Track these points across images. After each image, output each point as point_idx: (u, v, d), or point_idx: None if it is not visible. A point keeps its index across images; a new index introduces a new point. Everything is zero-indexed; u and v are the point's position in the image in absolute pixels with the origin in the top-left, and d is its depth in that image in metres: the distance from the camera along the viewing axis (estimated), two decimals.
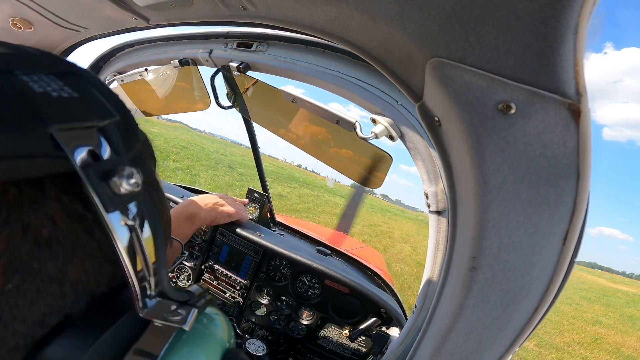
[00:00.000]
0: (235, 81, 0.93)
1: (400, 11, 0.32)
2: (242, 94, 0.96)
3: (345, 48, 0.46)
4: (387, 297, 1.17)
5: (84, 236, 0.22)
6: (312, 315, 1.26)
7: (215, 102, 0.98)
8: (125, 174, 0.21)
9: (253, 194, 1.51)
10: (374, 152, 0.80)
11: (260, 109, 1.00)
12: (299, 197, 14.80)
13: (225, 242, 1.35)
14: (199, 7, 0.59)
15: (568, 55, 0.25)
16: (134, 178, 0.21)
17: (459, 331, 0.40)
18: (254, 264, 1.31)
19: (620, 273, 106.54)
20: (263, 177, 1.71)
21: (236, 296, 1.33)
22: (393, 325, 1.12)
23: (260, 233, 1.26)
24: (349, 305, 1.20)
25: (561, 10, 0.24)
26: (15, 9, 0.83)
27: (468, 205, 0.36)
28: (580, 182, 0.28)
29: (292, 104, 0.79)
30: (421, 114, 0.40)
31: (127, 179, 0.21)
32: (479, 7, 0.27)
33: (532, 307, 0.36)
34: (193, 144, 19.51)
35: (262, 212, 1.49)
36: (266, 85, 0.89)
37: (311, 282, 1.27)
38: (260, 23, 0.56)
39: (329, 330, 1.24)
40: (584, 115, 0.26)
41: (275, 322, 1.30)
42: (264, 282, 1.31)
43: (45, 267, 0.21)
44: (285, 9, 0.47)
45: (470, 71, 0.29)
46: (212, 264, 1.37)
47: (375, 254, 3.29)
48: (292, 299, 1.27)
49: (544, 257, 0.33)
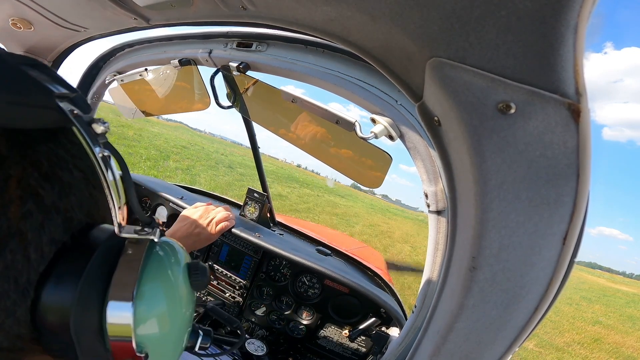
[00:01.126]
0: (235, 81, 0.92)
1: (400, 11, 0.32)
2: (242, 93, 0.95)
3: (345, 48, 0.46)
4: (387, 297, 1.17)
5: (67, 175, 0.30)
6: (311, 315, 1.26)
7: (215, 102, 0.98)
8: (100, 120, 0.29)
9: (253, 194, 1.50)
10: (373, 152, 0.80)
11: (260, 108, 1.00)
12: (299, 197, 14.80)
13: (225, 242, 1.35)
14: (199, 7, 0.59)
15: (568, 55, 0.25)
16: (106, 123, 0.30)
17: (458, 331, 0.40)
18: (253, 264, 1.31)
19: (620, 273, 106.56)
20: (263, 177, 1.71)
21: (236, 296, 1.33)
22: (393, 325, 1.11)
23: (259, 234, 1.26)
24: (348, 305, 1.20)
25: (561, 10, 0.24)
26: (16, 9, 0.83)
27: (468, 205, 0.36)
28: (580, 182, 0.28)
29: (292, 104, 0.78)
30: (421, 113, 0.40)
31: (102, 123, 0.29)
32: (479, 7, 0.27)
33: (532, 307, 0.36)
34: (193, 144, 19.52)
35: (262, 212, 1.49)
36: (266, 85, 0.89)
37: (311, 282, 1.26)
38: (260, 23, 0.56)
39: (328, 330, 1.24)
40: (583, 115, 0.26)
41: (275, 322, 1.30)
42: (264, 282, 1.31)
43: (48, 196, 0.28)
44: (285, 9, 0.47)
45: (470, 71, 0.29)
46: (212, 264, 1.37)
47: (375, 254, 3.28)
48: (292, 299, 1.27)
49: (544, 257, 0.33)
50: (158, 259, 0.33)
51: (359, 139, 0.65)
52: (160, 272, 0.32)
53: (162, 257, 0.34)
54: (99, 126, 0.29)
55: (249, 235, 1.22)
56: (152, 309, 0.30)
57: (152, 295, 0.31)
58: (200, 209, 1.10)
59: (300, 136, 0.91)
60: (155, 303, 0.31)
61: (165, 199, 1.40)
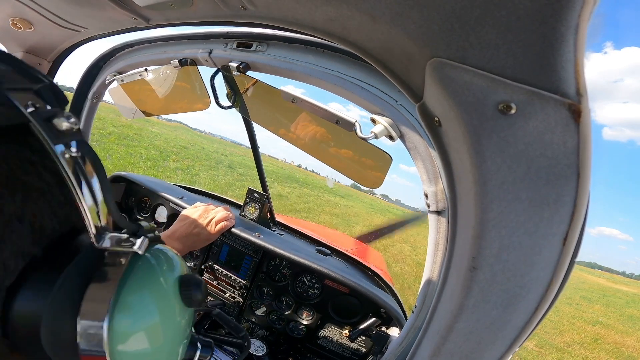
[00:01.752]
0: (235, 81, 0.92)
1: (400, 11, 0.32)
2: (242, 94, 0.95)
3: (345, 48, 0.46)
4: (387, 297, 1.16)
5: (35, 179, 0.27)
6: (311, 315, 1.26)
7: (215, 102, 0.98)
8: (64, 115, 0.25)
9: (253, 194, 1.50)
10: (373, 152, 0.80)
11: (260, 109, 1.00)
12: (299, 197, 14.79)
13: (225, 242, 1.35)
14: (199, 7, 0.59)
15: (568, 56, 0.25)
16: (72, 118, 0.26)
17: (458, 331, 0.40)
18: (253, 264, 1.30)
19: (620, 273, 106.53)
20: (263, 177, 1.71)
21: (236, 296, 1.33)
22: (393, 325, 1.11)
23: (259, 234, 1.26)
24: (348, 305, 1.20)
25: (561, 11, 0.24)
26: (15, 9, 0.83)
27: (468, 205, 0.36)
28: (580, 182, 0.28)
29: (292, 104, 0.78)
30: (421, 114, 0.40)
31: (66, 119, 0.25)
32: (479, 7, 0.27)
33: (532, 307, 0.36)
34: (193, 144, 19.51)
35: (262, 212, 1.49)
36: (266, 85, 0.89)
37: (311, 282, 1.26)
38: (260, 23, 0.56)
39: (328, 330, 1.24)
40: (584, 115, 0.26)
41: (275, 322, 1.30)
42: (264, 282, 1.31)
43: (7, 205, 0.25)
44: (285, 9, 0.47)
45: (471, 71, 0.29)
46: (212, 264, 1.37)
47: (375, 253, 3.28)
48: (292, 299, 1.27)
49: (544, 257, 0.33)
50: (144, 270, 0.30)
51: (359, 139, 0.65)
52: (145, 285, 0.30)
53: (149, 268, 0.31)
54: (61, 122, 0.25)
55: (248, 235, 1.22)
56: (132, 326, 0.28)
57: (132, 311, 0.28)
58: (199, 209, 1.10)
59: (300, 136, 0.91)
60: (136, 318, 0.28)
61: (165, 199, 1.40)
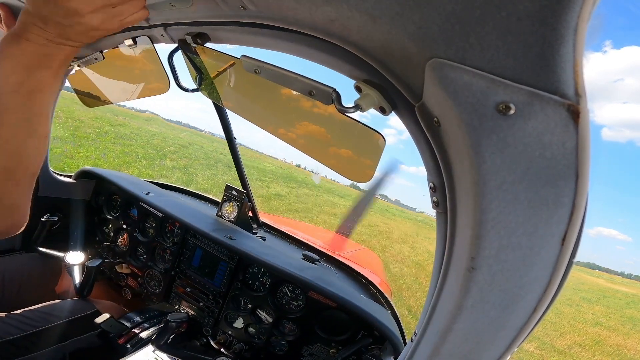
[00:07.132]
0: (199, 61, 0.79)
1: (400, 11, 0.33)
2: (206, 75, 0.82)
3: (345, 48, 0.46)
4: (381, 313, 1.04)
5: None
6: (295, 330, 1.11)
7: (176, 83, 0.87)
8: None
9: (231, 192, 1.34)
10: (361, 132, 0.61)
11: (227, 90, 0.83)
12: (297, 197, 14.80)
13: (199, 246, 1.20)
14: (198, 7, 0.59)
15: (567, 56, 0.25)
16: None
17: (457, 331, 0.40)
18: (229, 270, 1.16)
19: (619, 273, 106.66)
20: (242, 172, 1.52)
21: (210, 305, 1.19)
22: (387, 346, 0.99)
23: (231, 236, 1.13)
24: (337, 320, 1.05)
25: (561, 11, 0.24)
26: None
27: (467, 206, 0.36)
28: (579, 183, 0.28)
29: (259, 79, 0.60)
30: (420, 114, 0.40)
31: None
32: (479, 8, 0.27)
33: (531, 307, 0.36)
34: (192, 143, 19.52)
35: (240, 211, 1.32)
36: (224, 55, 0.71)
37: (293, 294, 1.11)
38: (260, 23, 0.56)
39: (314, 347, 1.09)
40: (583, 116, 0.26)
41: (255, 337, 1.15)
42: (240, 292, 1.16)
43: None
44: (285, 9, 0.47)
45: (470, 72, 0.29)
46: (184, 269, 1.23)
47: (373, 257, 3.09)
48: (273, 311, 1.12)
49: (543, 258, 0.33)
50: None
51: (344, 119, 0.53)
52: None
53: None
54: None
55: (218, 236, 1.11)
56: None
57: None
58: None
59: (274, 120, 0.76)
60: None
61: (136, 197, 1.28)
